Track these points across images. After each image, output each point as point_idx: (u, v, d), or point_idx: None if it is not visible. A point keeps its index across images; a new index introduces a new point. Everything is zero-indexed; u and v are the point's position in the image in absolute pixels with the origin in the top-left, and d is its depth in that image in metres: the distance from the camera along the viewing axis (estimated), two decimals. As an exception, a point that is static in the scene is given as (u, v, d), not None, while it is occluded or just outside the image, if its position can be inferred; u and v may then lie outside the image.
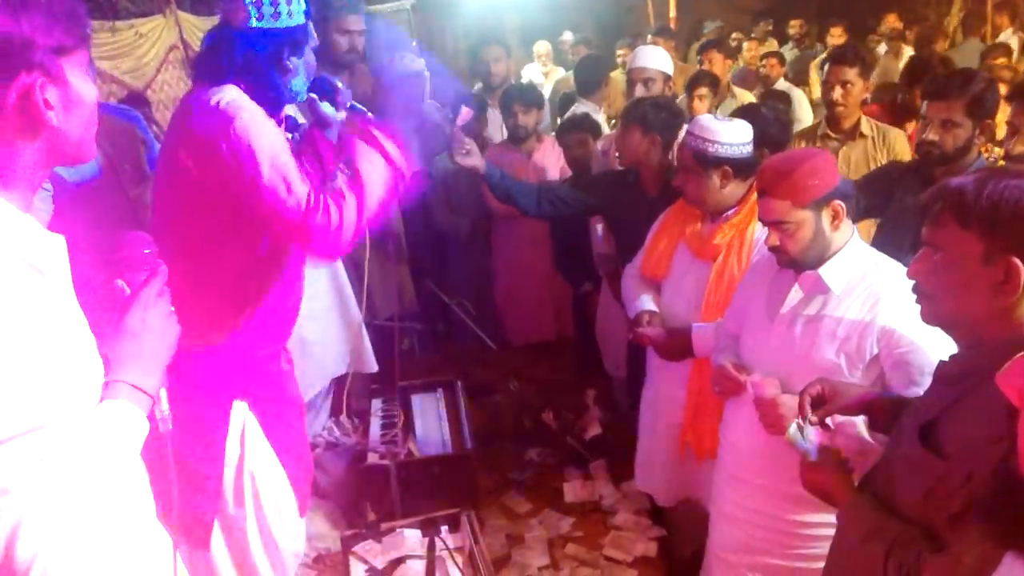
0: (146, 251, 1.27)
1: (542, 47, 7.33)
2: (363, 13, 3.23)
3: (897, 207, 2.53)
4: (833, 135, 3.25)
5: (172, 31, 5.45)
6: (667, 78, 3.58)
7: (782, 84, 5.53)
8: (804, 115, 4.86)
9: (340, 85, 2.04)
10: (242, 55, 1.80)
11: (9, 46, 0.98)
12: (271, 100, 1.86)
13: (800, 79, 6.13)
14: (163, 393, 1.25)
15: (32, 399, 0.96)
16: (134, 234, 1.27)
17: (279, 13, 1.81)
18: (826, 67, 3.32)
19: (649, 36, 6.46)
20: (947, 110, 2.41)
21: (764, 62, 5.64)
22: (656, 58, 3.59)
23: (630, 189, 2.92)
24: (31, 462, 0.96)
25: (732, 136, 2.27)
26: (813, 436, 1.57)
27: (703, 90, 4.22)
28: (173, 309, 1.27)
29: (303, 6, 1.87)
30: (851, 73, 3.17)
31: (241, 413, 1.99)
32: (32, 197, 1.10)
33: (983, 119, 2.43)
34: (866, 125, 3.23)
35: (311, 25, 1.94)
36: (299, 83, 1.92)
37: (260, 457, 2.02)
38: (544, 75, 7.10)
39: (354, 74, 3.24)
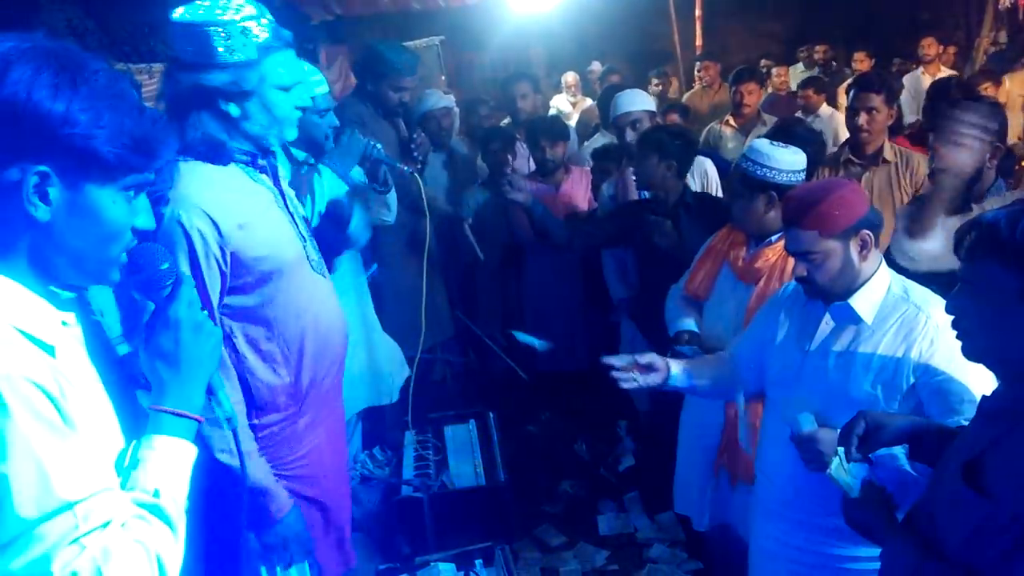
0: (164, 266, 1.16)
1: (570, 77, 7.42)
2: (415, 74, 3.37)
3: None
4: (856, 161, 3.24)
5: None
6: (652, 116, 3.58)
7: (825, 110, 5.51)
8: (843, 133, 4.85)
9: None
10: (169, 95, 1.65)
11: (27, 125, 0.91)
12: (208, 147, 1.69)
13: (829, 103, 6.11)
14: (222, 395, 1.23)
15: (61, 477, 0.93)
16: (148, 249, 1.15)
17: (212, 49, 1.61)
18: (851, 93, 3.32)
19: (697, 63, 6.58)
20: None
21: (802, 92, 5.61)
22: (638, 100, 3.56)
23: (648, 215, 3.00)
24: (71, 538, 0.93)
25: (783, 162, 2.28)
26: (855, 471, 1.55)
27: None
28: (206, 314, 1.18)
29: (261, 34, 1.65)
30: (876, 100, 3.17)
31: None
32: (47, 282, 1.03)
33: (993, 144, 2.42)
34: (889, 151, 3.21)
35: (277, 57, 1.70)
36: (259, 124, 1.71)
37: None
38: (572, 105, 7.18)
39: (408, 118, 3.42)
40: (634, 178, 3.11)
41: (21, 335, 0.95)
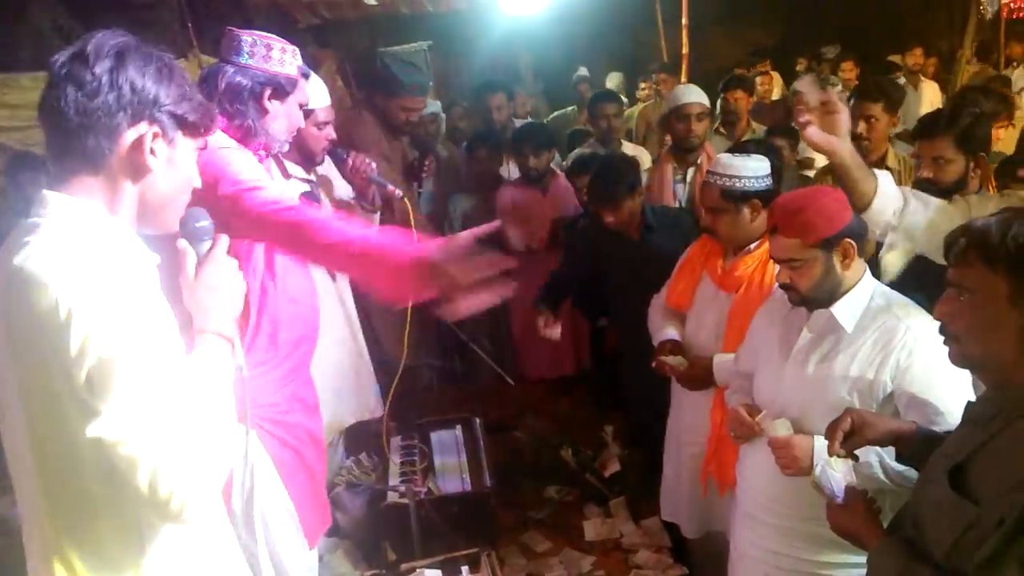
0: (205, 223, 1.45)
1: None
2: (427, 95, 3.42)
3: None
4: None
5: (195, 73, 5.59)
6: (709, 112, 3.62)
7: None
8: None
9: None
10: (225, 84, 1.98)
11: (144, 97, 1.26)
12: (244, 132, 2.02)
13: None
14: (237, 342, 1.44)
15: (157, 366, 1.18)
16: (192, 210, 1.44)
17: (270, 57, 2.03)
18: (851, 102, 3.33)
19: (653, 75, 6.52)
20: (936, 147, 2.44)
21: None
22: (700, 94, 3.64)
23: (616, 237, 3.05)
24: (162, 416, 1.17)
25: (754, 170, 2.35)
26: (839, 477, 1.55)
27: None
28: (238, 265, 1.46)
29: (297, 60, 2.08)
30: (875, 108, 3.17)
31: (250, 442, 1.98)
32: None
33: (975, 153, 2.44)
34: (892, 158, 3.22)
35: (303, 82, 2.12)
36: (279, 128, 2.08)
37: (268, 489, 2.04)
38: None
39: (426, 146, 3.48)
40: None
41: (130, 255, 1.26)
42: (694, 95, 3.59)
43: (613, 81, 7.60)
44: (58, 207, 1.25)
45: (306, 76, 2.14)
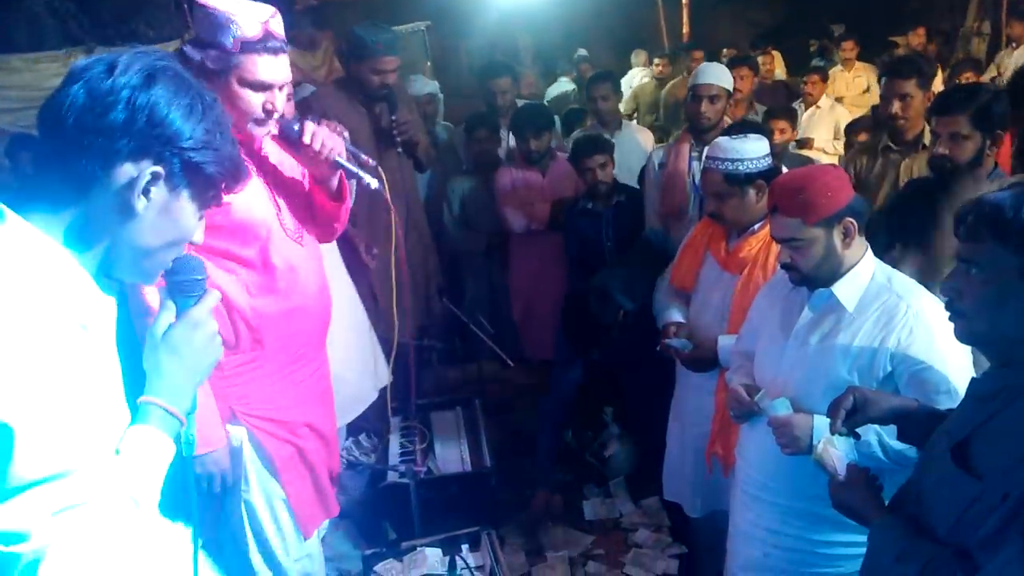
0: (199, 277, 1.25)
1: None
2: (398, 53, 3.32)
3: (917, 222, 2.53)
4: (895, 148, 3.17)
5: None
6: (729, 94, 3.57)
7: (825, 101, 5.49)
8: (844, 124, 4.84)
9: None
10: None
11: (160, 131, 1.07)
12: None
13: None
14: (191, 417, 1.22)
15: (62, 444, 0.97)
16: (189, 258, 1.24)
17: (211, 30, 1.77)
18: (883, 81, 3.28)
19: (682, 53, 6.54)
20: (953, 124, 2.40)
21: (808, 77, 5.55)
22: (720, 75, 3.49)
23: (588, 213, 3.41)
24: (55, 508, 0.96)
25: (755, 151, 2.32)
26: (841, 454, 1.56)
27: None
28: (218, 332, 1.26)
29: (240, 31, 1.77)
30: (909, 85, 3.10)
31: (238, 436, 1.99)
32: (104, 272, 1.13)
33: (992, 130, 2.42)
34: (929, 137, 3.17)
35: (253, 58, 1.81)
36: None
37: (258, 481, 2.03)
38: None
39: (391, 101, 3.34)
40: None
41: (65, 313, 1.02)
42: (710, 76, 3.44)
43: (639, 58, 7.61)
44: (5, 233, 1.03)
45: (267, 47, 1.80)
